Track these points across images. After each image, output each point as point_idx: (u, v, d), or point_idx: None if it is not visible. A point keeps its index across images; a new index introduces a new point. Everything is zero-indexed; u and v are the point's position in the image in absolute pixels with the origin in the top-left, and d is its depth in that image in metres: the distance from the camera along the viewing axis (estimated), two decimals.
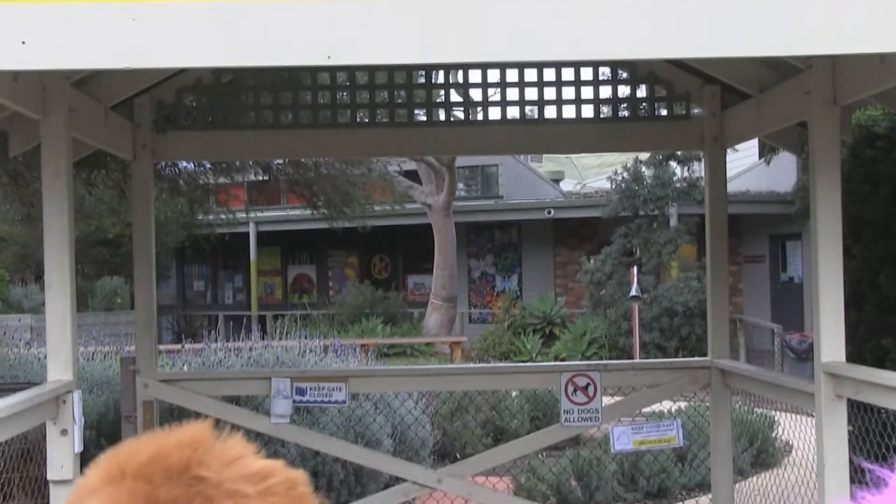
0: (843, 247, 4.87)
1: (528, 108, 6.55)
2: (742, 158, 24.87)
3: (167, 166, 10.63)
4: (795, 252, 25.29)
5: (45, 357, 5.09)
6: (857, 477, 5.25)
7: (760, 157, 23.58)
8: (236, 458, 1.40)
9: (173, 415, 7.76)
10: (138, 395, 6.34)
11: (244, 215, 25.41)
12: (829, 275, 4.77)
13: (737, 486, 6.85)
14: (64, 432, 4.79)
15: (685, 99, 6.51)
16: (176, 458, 1.37)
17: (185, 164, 11.10)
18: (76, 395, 4.85)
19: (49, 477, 4.79)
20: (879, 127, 7.81)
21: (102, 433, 8.07)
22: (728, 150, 6.65)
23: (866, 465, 1.39)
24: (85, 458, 4.58)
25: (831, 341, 4.77)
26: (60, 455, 4.77)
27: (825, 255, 4.77)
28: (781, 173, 23.16)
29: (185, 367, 10.13)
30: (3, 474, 4.90)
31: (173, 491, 1.36)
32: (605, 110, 6.54)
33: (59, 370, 4.86)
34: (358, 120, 6.74)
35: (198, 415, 6.83)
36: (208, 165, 11.32)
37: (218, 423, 1.45)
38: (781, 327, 19.83)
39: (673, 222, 23.00)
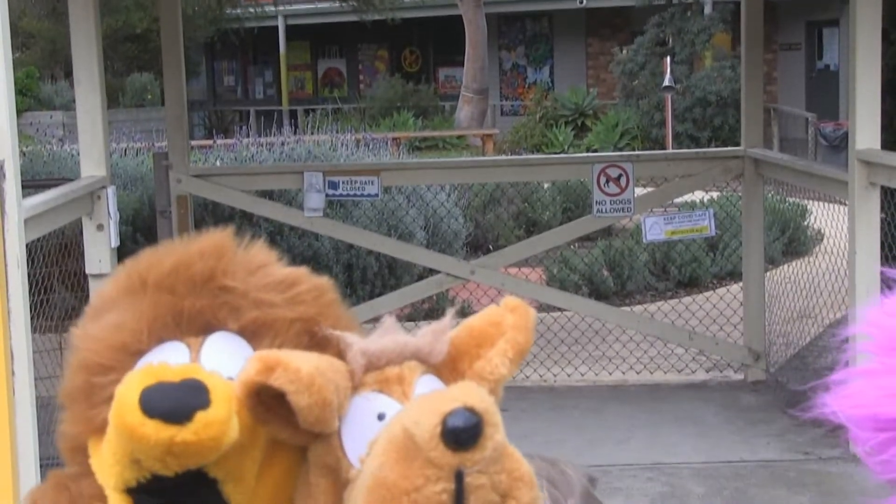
0: (882, 31, 4.76)
1: None
2: None
3: None
4: (832, 39, 24.80)
5: (79, 153, 5.11)
6: (889, 265, 5.27)
7: None
8: (261, 265, 1.36)
9: (207, 210, 7.83)
10: (172, 191, 6.37)
11: (272, 8, 25.05)
12: (867, 60, 4.68)
13: (767, 274, 6.90)
14: (100, 227, 4.85)
15: None
16: (199, 268, 1.32)
17: None
18: (110, 191, 4.90)
19: (87, 271, 4.88)
20: None
21: (138, 229, 8.18)
22: None
23: None
24: (122, 253, 4.66)
25: (866, 128, 4.72)
26: (97, 250, 4.84)
27: (863, 41, 4.67)
28: None
29: (218, 163, 10.17)
30: (42, 268, 4.99)
31: (198, 302, 1.31)
32: None
33: (92, 166, 4.89)
34: None
35: (232, 210, 6.89)
36: None
37: (240, 230, 1.41)
38: (816, 116, 19.62)
39: (707, 10, 22.52)
